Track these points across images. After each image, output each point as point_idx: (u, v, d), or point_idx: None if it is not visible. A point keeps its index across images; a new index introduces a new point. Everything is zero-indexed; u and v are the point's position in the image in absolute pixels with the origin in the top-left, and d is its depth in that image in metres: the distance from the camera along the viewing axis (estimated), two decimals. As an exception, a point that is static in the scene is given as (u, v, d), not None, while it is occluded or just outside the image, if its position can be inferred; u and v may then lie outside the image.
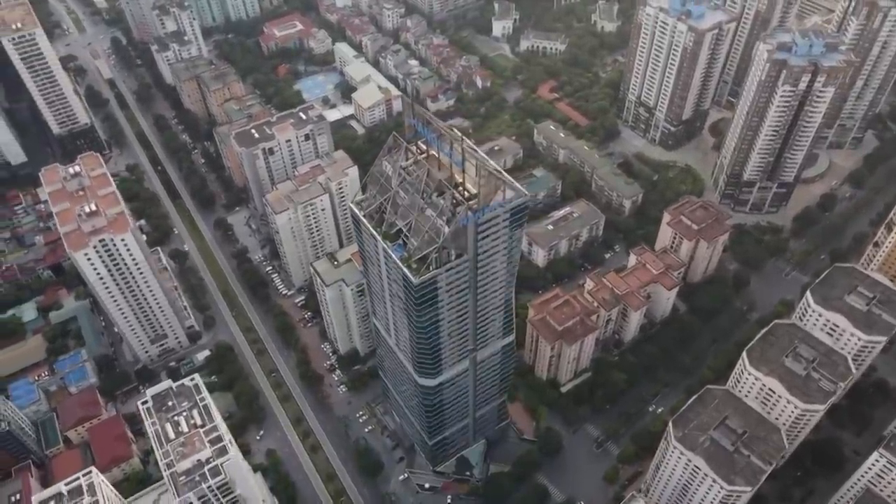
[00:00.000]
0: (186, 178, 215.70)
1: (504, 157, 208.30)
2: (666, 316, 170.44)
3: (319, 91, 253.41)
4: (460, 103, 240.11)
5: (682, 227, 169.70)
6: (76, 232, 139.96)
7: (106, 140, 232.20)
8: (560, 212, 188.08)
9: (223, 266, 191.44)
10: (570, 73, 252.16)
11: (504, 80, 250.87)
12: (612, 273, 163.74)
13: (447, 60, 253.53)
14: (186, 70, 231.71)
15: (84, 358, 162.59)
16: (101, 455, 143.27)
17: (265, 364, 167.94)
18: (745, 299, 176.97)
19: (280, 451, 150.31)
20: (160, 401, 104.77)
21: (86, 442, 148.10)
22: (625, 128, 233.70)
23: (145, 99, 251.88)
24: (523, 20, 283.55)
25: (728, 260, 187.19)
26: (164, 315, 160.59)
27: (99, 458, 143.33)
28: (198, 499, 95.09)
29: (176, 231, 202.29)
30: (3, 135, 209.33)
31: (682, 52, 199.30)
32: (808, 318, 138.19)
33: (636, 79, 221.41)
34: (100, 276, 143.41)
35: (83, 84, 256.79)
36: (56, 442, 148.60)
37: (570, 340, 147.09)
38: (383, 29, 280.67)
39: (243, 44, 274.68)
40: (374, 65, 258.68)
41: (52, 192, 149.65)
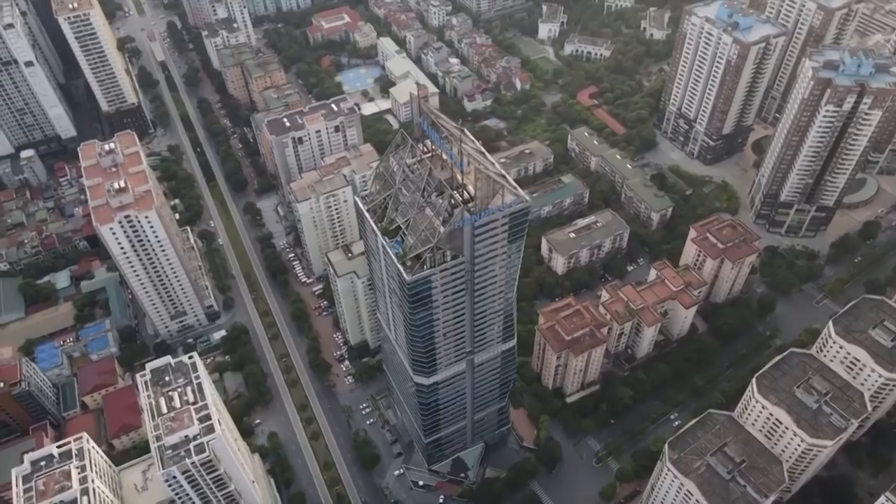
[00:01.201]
0: (223, 162, 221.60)
1: (534, 162, 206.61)
2: (683, 334, 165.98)
3: (360, 84, 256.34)
4: (497, 104, 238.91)
5: (707, 245, 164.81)
6: (104, 206, 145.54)
7: (152, 120, 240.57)
8: (584, 220, 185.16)
9: (248, 249, 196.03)
10: (612, 79, 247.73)
11: (544, 84, 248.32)
12: (628, 286, 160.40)
13: (488, 60, 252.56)
14: (231, 56, 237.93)
15: (107, 328, 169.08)
16: (112, 422, 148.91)
17: (277, 348, 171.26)
18: (769, 324, 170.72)
19: (282, 435, 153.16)
20: (158, 375, 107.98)
21: (100, 408, 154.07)
22: (663, 139, 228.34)
23: (193, 82, 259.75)
24: (570, 24, 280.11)
25: (757, 282, 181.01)
26: (185, 293, 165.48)
27: (110, 424, 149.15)
28: (181, 473, 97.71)
29: (207, 212, 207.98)
30: (55, 109, 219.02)
31: (725, 64, 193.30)
32: (827, 349, 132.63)
33: (678, 90, 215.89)
34: (123, 250, 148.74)
35: (137, 65, 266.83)
36: (73, 406, 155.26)
37: (576, 351, 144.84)
38: (429, 26, 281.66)
39: (291, 34, 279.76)
40: (415, 61, 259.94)
41: (87, 167, 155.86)
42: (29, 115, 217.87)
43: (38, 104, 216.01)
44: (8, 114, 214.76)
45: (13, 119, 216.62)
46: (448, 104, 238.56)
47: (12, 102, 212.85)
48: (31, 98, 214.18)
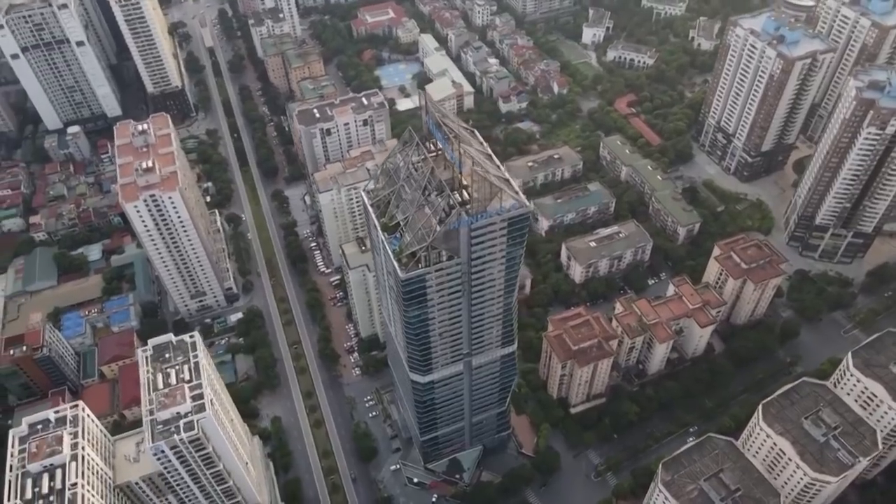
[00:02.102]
0: (257, 148, 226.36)
1: (562, 167, 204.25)
2: (698, 354, 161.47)
3: (398, 79, 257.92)
4: (532, 107, 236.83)
5: (730, 264, 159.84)
6: (131, 185, 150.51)
7: (194, 103, 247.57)
8: (607, 230, 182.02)
9: (272, 236, 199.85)
10: (652, 88, 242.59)
11: (582, 89, 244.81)
12: (643, 300, 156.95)
13: (528, 63, 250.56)
14: (274, 46, 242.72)
15: (130, 302, 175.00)
16: (125, 393, 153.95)
17: (290, 335, 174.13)
18: (790, 351, 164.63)
19: (285, 420, 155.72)
20: (159, 351, 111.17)
21: (116, 378, 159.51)
22: (700, 152, 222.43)
23: (237, 69, 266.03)
24: (616, 30, 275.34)
25: (783, 306, 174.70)
26: (205, 274, 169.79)
27: (123, 395, 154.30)
28: (170, 448, 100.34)
29: (238, 196, 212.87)
30: (102, 89, 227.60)
31: (767, 79, 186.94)
32: (844, 382, 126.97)
33: (718, 102, 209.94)
34: (147, 228, 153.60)
35: (186, 49, 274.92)
36: (92, 374, 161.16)
37: (582, 362, 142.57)
38: (472, 25, 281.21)
39: (336, 26, 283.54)
40: (455, 59, 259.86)
41: (120, 146, 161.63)
42: (78, 92, 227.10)
43: (87, 83, 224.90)
44: (59, 90, 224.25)
45: (63, 96, 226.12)
46: (483, 104, 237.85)
47: (63, 80, 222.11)
48: (81, 76, 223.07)
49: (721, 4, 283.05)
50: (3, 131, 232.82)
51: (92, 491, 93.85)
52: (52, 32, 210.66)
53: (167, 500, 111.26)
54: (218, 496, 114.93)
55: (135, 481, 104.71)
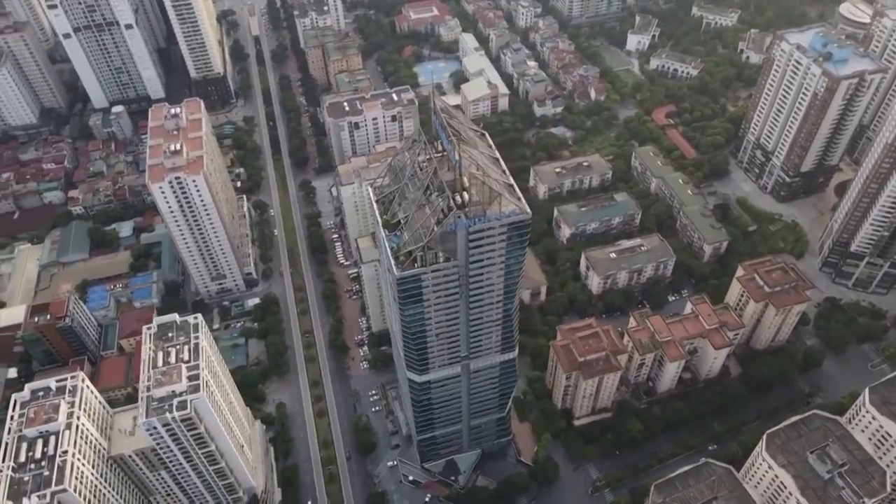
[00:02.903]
0: (290, 137, 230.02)
1: (590, 175, 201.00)
2: (712, 376, 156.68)
3: (436, 77, 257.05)
4: (568, 112, 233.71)
5: (753, 286, 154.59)
6: (158, 166, 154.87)
7: (235, 90, 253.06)
8: (629, 242, 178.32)
9: (296, 225, 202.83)
10: (694, 100, 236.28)
11: (620, 97, 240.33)
12: (657, 316, 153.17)
13: (567, 67, 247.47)
14: (315, 37, 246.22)
15: (154, 280, 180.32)
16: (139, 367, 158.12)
17: (304, 324, 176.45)
18: (811, 381, 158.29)
19: (290, 407, 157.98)
20: (163, 330, 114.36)
21: (133, 353, 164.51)
22: (737, 169, 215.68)
23: (279, 59, 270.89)
24: (662, 38, 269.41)
25: (808, 334, 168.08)
26: (225, 257, 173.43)
27: (136, 369, 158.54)
28: (162, 426, 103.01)
29: (267, 183, 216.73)
30: (148, 71, 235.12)
31: (811, 97, 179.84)
32: (859, 418, 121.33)
33: (759, 118, 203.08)
34: (171, 209, 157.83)
35: (232, 37, 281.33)
36: (112, 346, 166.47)
37: (587, 374, 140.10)
38: (515, 26, 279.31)
39: (380, 21, 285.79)
40: (494, 60, 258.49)
41: (153, 127, 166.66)
42: (125, 73, 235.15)
43: (133, 64, 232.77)
44: (107, 71, 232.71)
45: (111, 76, 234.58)
46: (517, 106, 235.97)
47: (111, 61, 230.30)
48: (129, 58, 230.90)
49: (776, 17, 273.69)
50: (55, 107, 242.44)
51: (83, 460, 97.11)
52: (102, 14, 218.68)
53: (160, 476, 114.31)
54: (210, 476, 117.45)
55: (128, 454, 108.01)
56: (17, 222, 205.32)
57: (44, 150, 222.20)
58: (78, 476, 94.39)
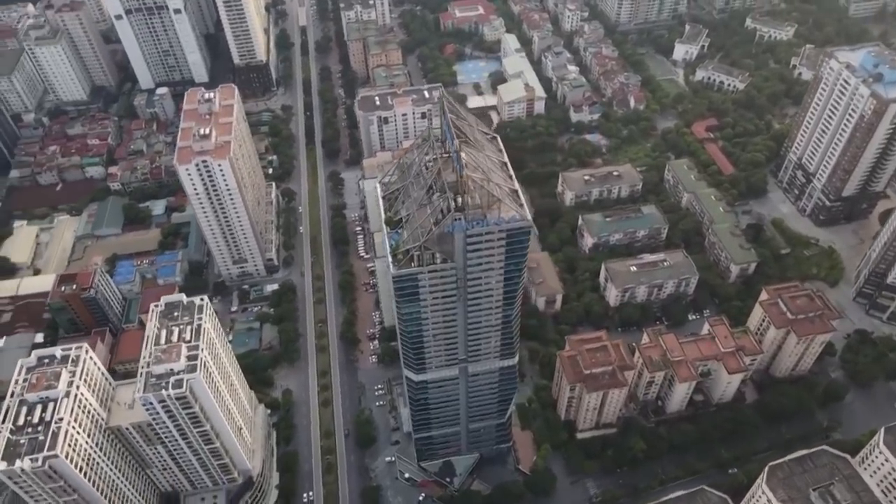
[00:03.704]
0: (324, 128, 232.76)
1: (619, 185, 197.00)
2: (726, 400, 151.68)
3: (475, 76, 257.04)
4: (605, 119, 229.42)
5: (775, 312, 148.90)
6: (187, 149, 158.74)
7: (277, 78, 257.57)
8: (651, 256, 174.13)
9: (322, 215, 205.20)
10: (737, 115, 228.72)
11: (661, 107, 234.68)
12: (671, 334, 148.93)
13: (608, 73, 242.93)
14: (357, 31, 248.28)
15: (179, 259, 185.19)
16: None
17: (318, 313, 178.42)
18: (832, 415, 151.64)
19: (296, 394, 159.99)
20: (170, 309, 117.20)
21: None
22: (776, 189, 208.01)
23: (323, 50, 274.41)
24: (711, 49, 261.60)
25: (833, 366, 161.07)
26: (247, 242, 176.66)
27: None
28: (158, 402, 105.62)
29: (298, 172, 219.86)
30: (193, 55, 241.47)
31: (857, 119, 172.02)
32: (871, 459, 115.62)
33: (802, 137, 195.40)
34: (196, 191, 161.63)
35: (279, 26, 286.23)
36: (133, 320, 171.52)
37: (591, 387, 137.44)
38: (560, 29, 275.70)
39: (425, 17, 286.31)
40: (535, 62, 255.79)
41: (187, 111, 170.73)
42: (172, 56, 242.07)
43: (180, 48, 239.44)
44: (154, 53, 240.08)
45: (158, 58, 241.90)
46: (553, 111, 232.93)
47: (159, 43, 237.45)
48: (176, 42, 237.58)
49: (835, 33, 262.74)
50: (105, 86, 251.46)
51: (78, 428, 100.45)
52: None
53: (157, 450, 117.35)
54: (205, 454, 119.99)
55: (125, 426, 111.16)
56: (59, 194, 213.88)
57: (90, 126, 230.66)
58: (71, 443, 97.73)
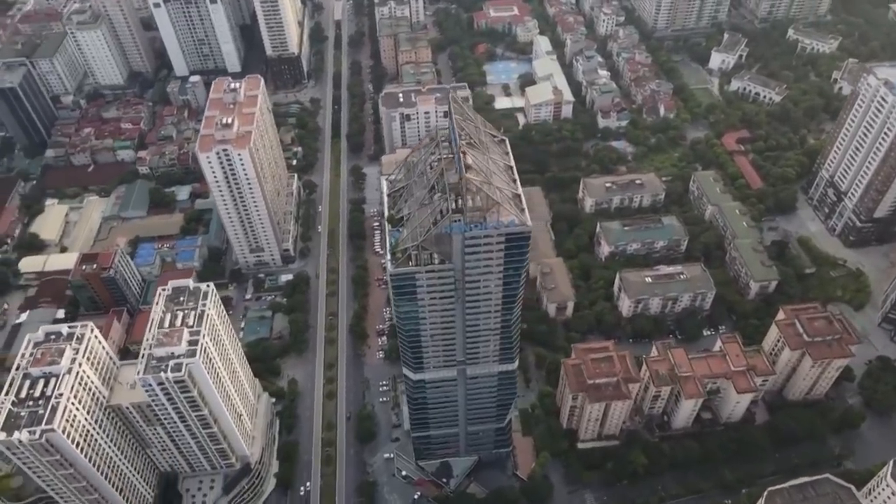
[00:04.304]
0: (351, 122, 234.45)
1: (641, 194, 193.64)
2: (734, 420, 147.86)
3: (505, 77, 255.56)
4: (632, 127, 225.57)
5: (791, 332, 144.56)
6: (209, 137, 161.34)
7: (308, 71, 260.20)
8: (668, 268, 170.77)
9: (341, 208, 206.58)
10: (771, 128, 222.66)
11: (691, 116, 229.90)
12: (680, 349, 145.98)
13: (640, 80, 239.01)
14: (389, 27, 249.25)
15: (198, 244, 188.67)
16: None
17: (330, 305, 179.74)
18: (845, 442, 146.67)
19: (301, 384, 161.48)
20: (176, 293, 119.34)
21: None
22: (806, 206, 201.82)
23: (356, 44, 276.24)
24: (749, 59, 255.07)
25: (852, 392, 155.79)
26: (264, 231, 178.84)
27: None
28: (157, 384, 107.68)
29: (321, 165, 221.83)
30: (227, 45, 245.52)
31: (893, 137, 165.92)
32: (877, 492, 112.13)
33: (835, 154, 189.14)
34: (216, 179, 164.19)
35: (315, 19, 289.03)
36: (150, 302, 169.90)
37: (593, 397, 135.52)
38: (595, 33, 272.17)
39: (459, 16, 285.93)
40: (567, 66, 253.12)
41: (212, 99, 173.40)
42: (206, 45, 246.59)
43: (215, 38, 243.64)
44: (190, 41, 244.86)
45: (193, 47, 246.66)
46: (580, 115, 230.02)
47: (195, 32, 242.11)
48: (211, 31, 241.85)
49: (881, 48, 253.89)
50: (142, 71, 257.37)
51: (78, 405, 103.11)
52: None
53: (156, 431, 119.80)
54: (203, 438, 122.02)
55: (126, 406, 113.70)
56: (90, 175, 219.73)
57: (124, 110, 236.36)
58: (69, 419, 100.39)
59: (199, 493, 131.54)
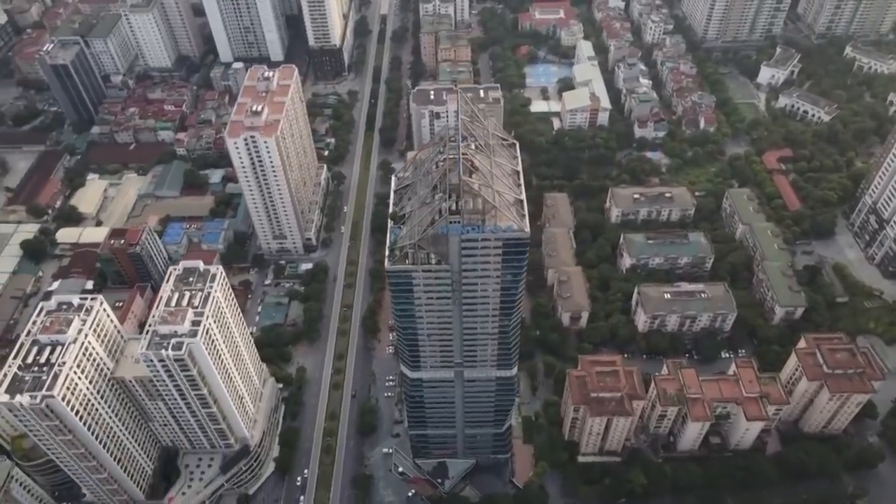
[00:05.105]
0: (385, 116, 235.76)
1: (670, 208, 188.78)
2: (743, 447, 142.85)
3: (544, 80, 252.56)
4: (670, 138, 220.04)
5: (810, 362, 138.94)
6: (238, 123, 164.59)
7: (349, 64, 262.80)
8: (689, 285, 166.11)
9: (367, 202, 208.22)
10: (816, 148, 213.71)
11: (733, 131, 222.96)
12: (691, 370, 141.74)
13: (682, 91, 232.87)
14: (431, 24, 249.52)
15: (224, 227, 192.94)
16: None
17: (346, 297, 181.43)
18: (859, 481, 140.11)
19: (310, 372, 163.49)
20: (186, 273, 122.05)
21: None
22: (846, 232, 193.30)
23: (399, 40, 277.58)
24: (801, 75, 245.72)
25: (872, 429, 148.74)
26: (287, 219, 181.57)
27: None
28: (157, 360, 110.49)
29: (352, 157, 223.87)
30: (271, 34, 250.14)
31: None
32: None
33: (880, 180, 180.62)
34: (242, 165, 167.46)
35: (361, 13, 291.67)
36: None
37: (595, 411, 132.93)
38: (641, 41, 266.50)
39: (504, 16, 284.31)
40: (609, 72, 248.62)
41: (246, 87, 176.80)
42: (251, 33, 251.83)
43: (260, 26, 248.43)
44: (236, 29, 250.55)
45: (239, 34, 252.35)
46: (617, 124, 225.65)
47: (241, 20, 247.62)
48: (256, 20, 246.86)
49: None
50: (189, 56, 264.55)
51: (80, 374, 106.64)
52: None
53: (158, 406, 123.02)
54: (203, 417, 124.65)
55: (129, 378, 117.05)
56: (131, 153, 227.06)
57: (169, 92, 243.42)
58: (70, 386, 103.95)
59: (198, 471, 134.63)
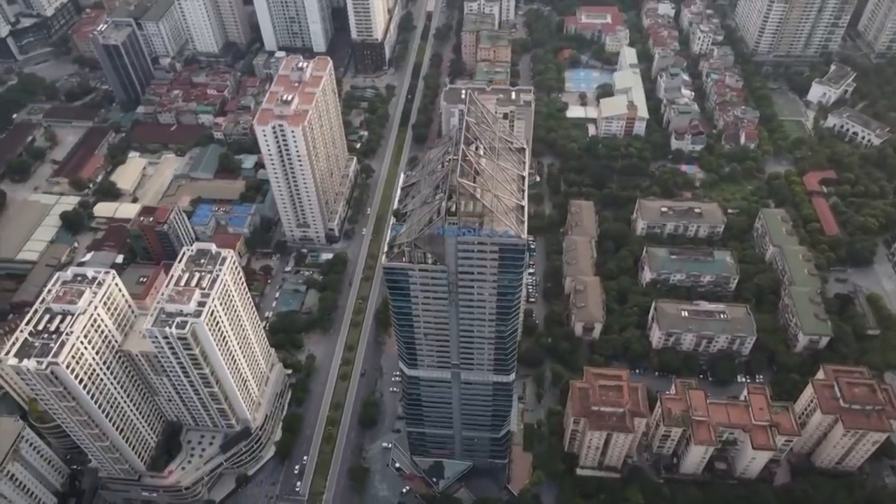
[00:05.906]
0: (419, 112, 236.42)
1: (698, 224, 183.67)
2: (749, 476, 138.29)
3: (584, 85, 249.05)
4: (707, 152, 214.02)
5: (826, 395, 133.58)
6: (268, 112, 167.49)
7: (390, 58, 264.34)
8: (709, 305, 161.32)
9: (393, 195, 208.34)
10: (862, 172, 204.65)
11: (774, 149, 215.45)
12: (700, 391, 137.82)
13: (725, 104, 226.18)
14: (473, 23, 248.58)
15: (251, 212, 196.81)
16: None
17: (363, 289, 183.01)
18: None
19: (319, 361, 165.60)
20: (198, 254, 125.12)
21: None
22: (885, 262, 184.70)
23: (442, 37, 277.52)
24: (854, 94, 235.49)
25: (890, 470, 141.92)
26: (311, 209, 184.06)
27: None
28: (162, 337, 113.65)
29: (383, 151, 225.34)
30: (315, 25, 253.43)
31: None
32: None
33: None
34: (270, 153, 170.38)
35: (406, 8, 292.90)
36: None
37: (594, 425, 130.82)
38: (689, 50, 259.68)
39: (550, 18, 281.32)
40: (651, 81, 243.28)
41: (280, 76, 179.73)
42: (296, 24, 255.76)
43: (304, 17, 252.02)
44: (281, 19, 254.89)
45: (284, 24, 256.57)
46: (653, 134, 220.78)
47: (287, 10, 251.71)
48: (301, 11, 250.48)
49: None
50: (236, 42, 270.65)
51: (87, 344, 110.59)
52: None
53: (163, 381, 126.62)
54: (205, 396, 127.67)
55: (135, 352, 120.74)
56: (172, 134, 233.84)
57: (213, 77, 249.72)
58: (75, 355, 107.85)
59: (199, 447, 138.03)
